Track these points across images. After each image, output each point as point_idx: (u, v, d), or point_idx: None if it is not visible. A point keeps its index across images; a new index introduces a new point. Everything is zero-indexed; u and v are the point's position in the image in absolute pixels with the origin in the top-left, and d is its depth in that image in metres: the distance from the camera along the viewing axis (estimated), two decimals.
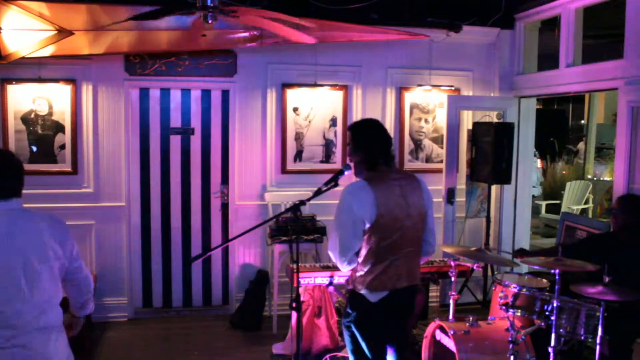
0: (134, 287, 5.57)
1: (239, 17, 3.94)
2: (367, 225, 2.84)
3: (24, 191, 2.60)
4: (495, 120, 5.93)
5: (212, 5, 3.68)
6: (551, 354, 3.33)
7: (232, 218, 5.63)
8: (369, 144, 2.99)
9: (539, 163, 11.27)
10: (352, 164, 3.07)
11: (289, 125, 5.65)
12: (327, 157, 5.76)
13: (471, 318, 3.80)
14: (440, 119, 5.93)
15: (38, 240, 2.32)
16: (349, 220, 2.85)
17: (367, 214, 2.82)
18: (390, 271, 2.88)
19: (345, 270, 2.97)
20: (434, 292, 5.79)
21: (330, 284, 4.25)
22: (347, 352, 3.11)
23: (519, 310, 3.46)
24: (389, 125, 5.80)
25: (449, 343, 3.69)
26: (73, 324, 2.77)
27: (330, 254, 2.95)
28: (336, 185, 2.98)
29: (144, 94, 5.54)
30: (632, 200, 3.97)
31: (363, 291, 2.91)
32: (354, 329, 2.99)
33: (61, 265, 2.41)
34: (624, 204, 3.92)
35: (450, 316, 3.96)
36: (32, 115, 5.21)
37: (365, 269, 2.89)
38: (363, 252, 2.90)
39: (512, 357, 3.42)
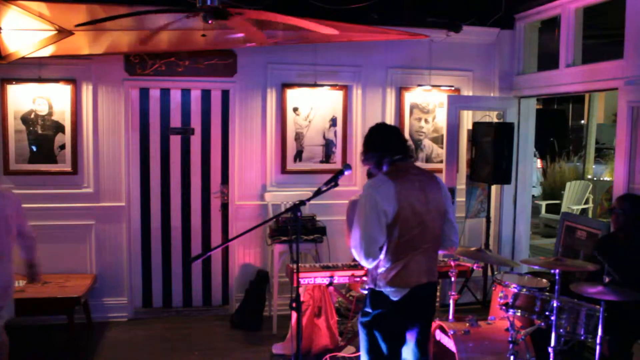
0: (134, 287, 5.57)
1: (242, 15, 3.93)
2: (389, 219, 2.85)
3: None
4: (495, 120, 5.93)
5: (212, 5, 3.68)
6: (551, 354, 3.33)
7: (232, 218, 5.63)
8: (378, 145, 3.03)
9: (539, 163, 11.26)
10: (370, 169, 3.11)
11: (289, 125, 5.65)
12: (327, 157, 5.76)
13: (471, 318, 3.80)
14: (440, 119, 5.93)
15: (3, 210, 3.52)
16: (373, 213, 2.86)
17: (389, 207, 2.85)
18: (412, 267, 2.90)
19: (369, 266, 2.96)
20: None
21: (331, 284, 4.25)
22: (361, 352, 3.09)
23: (519, 310, 3.47)
24: None
25: (449, 343, 3.69)
26: (32, 274, 4.12)
27: (354, 251, 2.94)
28: (336, 185, 2.98)
29: (144, 94, 5.54)
30: (634, 199, 3.97)
31: (386, 289, 2.91)
32: (372, 328, 2.98)
33: (16, 223, 3.62)
34: (626, 203, 3.92)
35: (450, 316, 3.96)
36: (32, 115, 5.21)
37: (387, 265, 2.90)
38: (384, 247, 2.90)
39: (512, 357, 3.42)
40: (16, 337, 5.05)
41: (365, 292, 3.11)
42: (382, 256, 2.91)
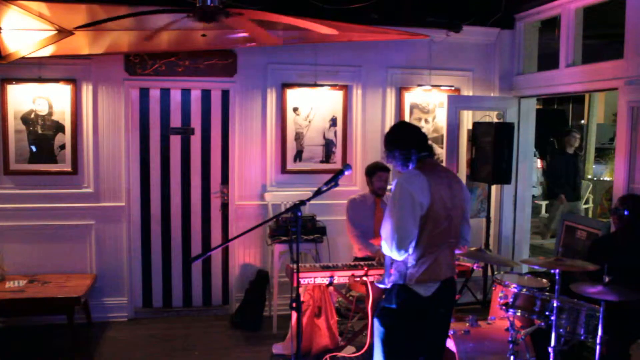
0: (134, 287, 5.57)
1: (242, 16, 3.93)
2: (423, 212, 2.87)
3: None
4: (495, 120, 5.93)
5: (212, 5, 3.68)
6: (551, 354, 3.33)
7: (232, 218, 5.63)
8: (405, 141, 3.06)
9: (539, 163, 11.24)
10: (394, 167, 3.14)
11: (289, 125, 5.65)
12: (327, 157, 5.76)
13: (471, 318, 3.80)
14: (440, 119, 5.93)
15: None
16: (408, 205, 2.86)
17: (424, 200, 2.87)
18: (441, 260, 2.94)
19: (399, 258, 2.94)
20: None
21: (331, 284, 4.25)
22: (376, 344, 3.06)
23: (519, 310, 3.47)
24: (389, 125, 5.78)
25: (449, 343, 3.69)
26: None
27: (384, 243, 2.93)
28: (336, 185, 2.98)
29: (144, 94, 5.54)
30: (636, 199, 3.96)
31: (417, 285, 2.91)
32: (393, 322, 2.97)
33: None
34: (628, 203, 3.91)
35: None
36: (32, 115, 5.21)
37: (419, 260, 2.90)
38: (414, 242, 2.90)
39: (512, 357, 3.42)
40: (16, 337, 5.07)
41: (384, 286, 3.09)
42: (410, 250, 2.91)
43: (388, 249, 2.92)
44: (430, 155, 3.08)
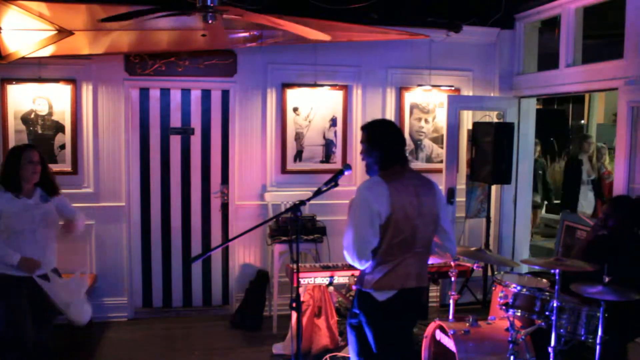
0: (134, 287, 5.57)
1: (242, 17, 3.93)
2: (382, 221, 2.85)
3: None
4: (495, 120, 5.93)
5: (212, 5, 3.68)
6: (551, 354, 3.33)
7: (232, 218, 5.63)
8: (385, 144, 2.98)
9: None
10: (365, 162, 3.07)
11: (289, 125, 5.65)
12: (327, 157, 5.76)
13: (471, 318, 3.80)
14: (440, 119, 5.93)
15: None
16: (366, 214, 2.85)
17: (382, 209, 2.84)
18: (400, 270, 2.89)
19: (361, 267, 2.94)
20: (434, 292, 5.79)
21: (330, 284, 4.25)
22: (350, 354, 3.09)
23: (519, 310, 3.47)
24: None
25: (449, 343, 3.69)
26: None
27: (345, 252, 2.92)
28: (336, 185, 2.98)
29: (144, 94, 5.54)
30: (623, 201, 3.96)
31: (371, 289, 2.90)
32: (360, 329, 2.98)
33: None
34: (616, 206, 3.91)
35: (450, 316, 3.96)
36: (32, 115, 5.21)
37: (375, 267, 2.89)
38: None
39: (512, 357, 3.42)
40: None
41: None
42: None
43: (350, 259, 2.90)
44: (401, 163, 2.98)
